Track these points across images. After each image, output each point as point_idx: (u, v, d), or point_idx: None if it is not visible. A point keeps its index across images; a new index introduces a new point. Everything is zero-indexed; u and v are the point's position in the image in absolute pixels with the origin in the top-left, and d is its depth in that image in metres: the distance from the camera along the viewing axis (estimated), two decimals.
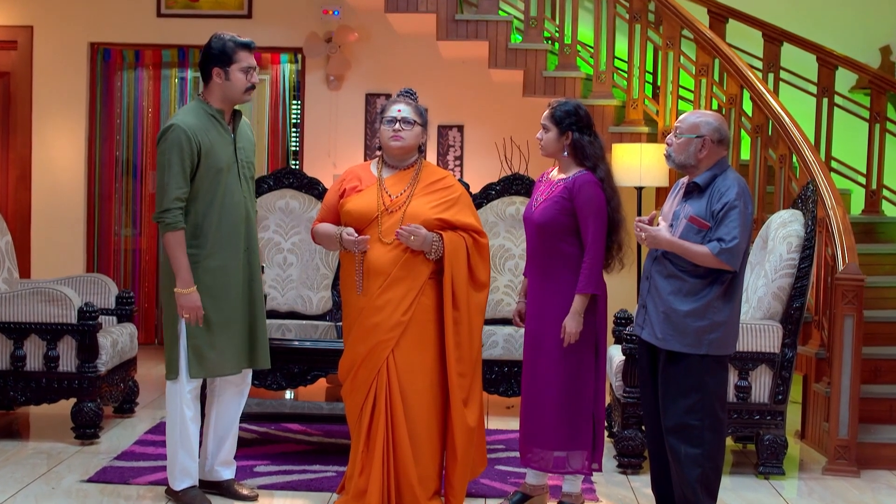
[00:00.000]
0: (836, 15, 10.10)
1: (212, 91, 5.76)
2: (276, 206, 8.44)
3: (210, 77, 5.73)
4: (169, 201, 5.60)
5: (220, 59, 5.69)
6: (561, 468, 5.81)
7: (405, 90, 5.77)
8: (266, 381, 7.93)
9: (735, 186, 5.24)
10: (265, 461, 6.70)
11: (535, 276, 5.73)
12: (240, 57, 5.71)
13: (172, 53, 10.77)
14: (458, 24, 9.09)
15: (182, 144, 5.59)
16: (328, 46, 10.32)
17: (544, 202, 5.66)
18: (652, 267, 5.41)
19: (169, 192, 5.60)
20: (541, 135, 5.73)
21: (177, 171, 5.58)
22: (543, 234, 5.64)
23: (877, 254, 8.26)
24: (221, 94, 5.75)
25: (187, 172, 5.63)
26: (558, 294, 5.62)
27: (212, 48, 5.72)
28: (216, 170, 5.70)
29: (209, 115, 5.73)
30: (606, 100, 8.87)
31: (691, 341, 5.24)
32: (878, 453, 7.04)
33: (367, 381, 5.51)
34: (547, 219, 5.61)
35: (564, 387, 5.66)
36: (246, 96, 5.79)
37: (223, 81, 5.71)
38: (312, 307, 8.33)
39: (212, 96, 5.75)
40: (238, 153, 5.82)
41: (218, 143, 5.72)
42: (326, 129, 10.52)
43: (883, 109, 8.93)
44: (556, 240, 5.62)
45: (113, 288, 7.89)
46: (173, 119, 5.70)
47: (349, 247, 5.52)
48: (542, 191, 5.73)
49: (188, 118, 5.68)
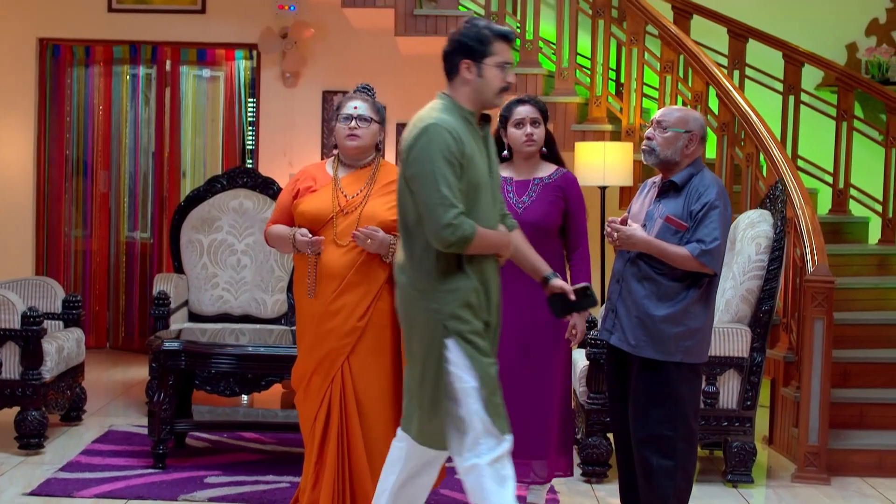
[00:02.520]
0: (802, 12, 10.02)
1: (458, 89, 4.68)
2: (229, 206, 8.29)
3: (457, 71, 4.67)
4: (452, 215, 4.42)
5: (472, 50, 4.62)
6: (525, 477, 5.64)
7: (362, 86, 5.56)
8: (219, 386, 7.78)
9: (715, 186, 5.05)
10: (216, 471, 6.48)
11: (520, 280, 5.39)
12: (496, 49, 4.63)
13: (124, 49, 10.55)
14: (417, 20, 8.95)
15: (450, 146, 4.50)
16: (284, 42, 10.15)
17: (536, 202, 5.50)
18: (625, 269, 5.19)
19: (446, 204, 4.42)
20: (532, 130, 5.54)
21: (451, 178, 4.47)
22: (538, 234, 5.44)
23: (844, 254, 8.16)
24: (471, 93, 4.65)
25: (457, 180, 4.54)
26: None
27: (463, 36, 4.65)
28: (475, 185, 4.61)
29: (463, 117, 4.66)
30: (569, 97, 8.72)
31: (666, 348, 5.03)
32: (849, 460, 6.91)
33: (321, 389, 5.30)
34: (544, 219, 5.49)
35: (546, 393, 5.53)
36: (498, 99, 4.72)
37: (474, 78, 4.63)
38: (267, 310, 8.18)
39: (459, 95, 4.69)
40: (492, 166, 4.79)
41: (475, 152, 4.65)
42: (282, 127, 10.37)
43: (850, 107, 8.82)
44: (549, 240, 5.51)
45: (59, 291, 7.65)
46: (426, 118, 4.60)
47: (302, 248, 5.31)
48: (519, 191, 5.53)
49: (445, 116, 4.60)
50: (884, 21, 10.00)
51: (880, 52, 9.75)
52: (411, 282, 4.58)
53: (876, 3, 10.05)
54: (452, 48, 4.65)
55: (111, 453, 6.82)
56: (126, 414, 7.97)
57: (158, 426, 6.50)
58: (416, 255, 4.56)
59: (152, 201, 10.64)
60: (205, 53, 10.58)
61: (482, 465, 4.52)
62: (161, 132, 10.56)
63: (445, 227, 4.40)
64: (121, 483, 6.20)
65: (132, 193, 10.70)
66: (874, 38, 9.99)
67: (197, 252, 8.28)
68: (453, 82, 4.68)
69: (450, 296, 4.51)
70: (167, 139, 10.55)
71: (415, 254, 4.57)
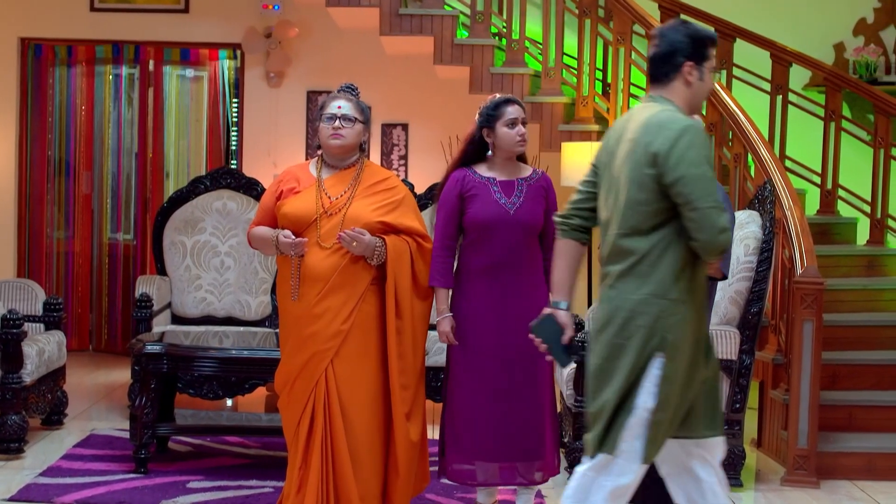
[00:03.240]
0: (790, 11, 9.96)
1: (675, 91, 4.29)
2: (212, 207, 8.21)
3: (676, 73, 4.28)
4: (725, 220, 4.10)
5: (696, 51, 4.27)
6: (511, 480, 5.55)
7: (346, 85, 5.48)
8: (202, 390, 7.71)
9: None
10: (199, 476, 6.40)
11: (511, 281, 5.41)
12: (713, 53, 4.34)
13: (106, 49, 10.45)
14: (403, 19, 8.90)
15: (709, 148, 4.27)
16: (268, 42, 10.09)
17: (525, 202, 5.42)
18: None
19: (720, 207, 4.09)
20: (524, 129, 5.47)
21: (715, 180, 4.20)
22: (528, 235, 5.43)
23: (832, 255, 8.12)
24: (690, 97, 4.31)
25: None
26: (539, 297, 5.37)
27: (685, 35, 4.28)
28: None
29: None
30: (555, 97, 8.67)
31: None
32: (838, 463, 6.85)
33: (304, 394, 5.23)
34: (534, 219, 5.43)
35: (539, 396, 5.46)
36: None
37: (695, 81, 4.29)
38: (251, 312, 8.11)
39: (676, 98, 4.30)
40: None
41: None
42: (266, 127, 10.29)
43: (838, 108, 8.78)
44: (533, 241, 5.46)
45: (40, 294, 7.57)
46: (676, 119, 4.17)
47: (285, 250, 5.23)
48: (506, 192, 5.44)
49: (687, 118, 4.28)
50: (871, 21, 9.95)
51: (868, 51, 9.70)
52: (635, 289, 4.20)
53: (863, 3, 10.00)
54: (674, 48, 4.25)
55: (92, 458, 6.73)
56: (108, 417, 7.88)
57: (140, 430, 6.41)
58: (647, 262, 4.19)
59: (135, 202, 10.56)
60: (188, 53, 10.50)
61: (605, 485, 4.23)
62: (144, 133, 10.47)
63: (722, 231, 4.05)
64: (102, 488, 6.12)
65: (115, 194, 10.62)
66: (862, 38, 9.93)
67: (180, 254, 8.20)
68: (669, 85, 4.28)
69: (676, 307, 4.18)
70: (150, 140, 10.47)
71: (646, 260, 4.19)
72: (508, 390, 5.42)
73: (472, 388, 5.43)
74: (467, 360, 5.44)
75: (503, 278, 5.41)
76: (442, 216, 5.46)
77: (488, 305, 5.42)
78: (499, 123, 5.44)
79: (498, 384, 5.41)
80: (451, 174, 5.50)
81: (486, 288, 5.42)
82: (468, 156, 5.50)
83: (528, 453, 5.48)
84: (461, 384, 5.45)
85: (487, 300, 5.42)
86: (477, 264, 5.44)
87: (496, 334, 5.40)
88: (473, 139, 5.47)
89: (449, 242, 5.43)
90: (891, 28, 9.92)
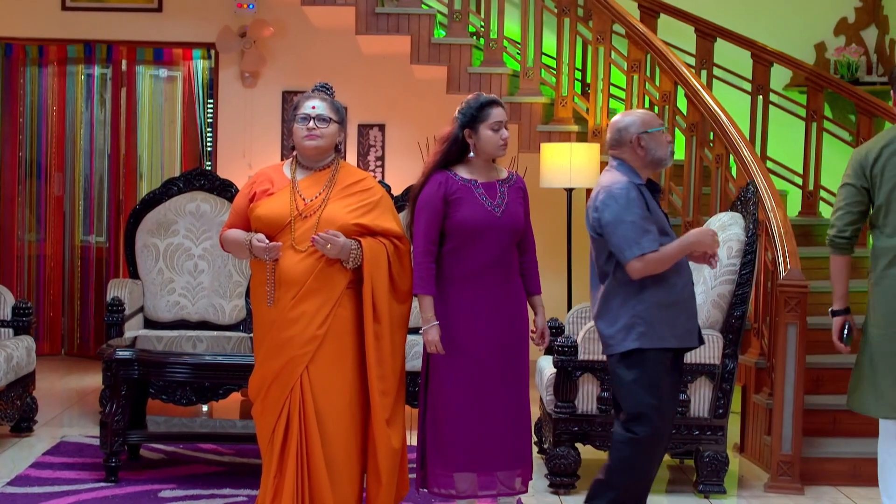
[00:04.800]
0: (770, 11, 9.91)
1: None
2: (186, 209, 8.09)
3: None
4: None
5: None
6: (491, 488, 5.42)
7: (320, 84, 5.35)
8: (175, 395, 7.58)
9: None
10: (171, 485, 6.27)
11: (496, 286, 5.31)
12: None
13: (78, 49, 10.30)
14: (379, 18, 8.81)
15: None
16: (242, 41, 9.97)
17: (509, 205, 5.32)
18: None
19: None
20: (506, 134, 5.36)
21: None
22: (513, 238, 5.35)
23: (815, 257, 7.98)
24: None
25: None
26: (521, 302, 5.38)
27: None
28: None
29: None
30: (534, 97, 8.58)
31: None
32: (822, 468, 6.75)
33: (279, 401, 5.11)
34: (518, 222, 5.35)
35: (523, 398, 5.40)
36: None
37: None
38: (225, 316, 7.99)
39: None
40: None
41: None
42: (241, 128, 10.19)
43: (820, 108, 8.71)
44: (515, 245, 5.38)
45: (9, 298, 7.42)
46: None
47: (259, 254, 5.10)
48: (490, 194, 5.32)
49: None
50: (852, 20, 9.90)
51: (849, 51, 9.65)
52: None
53: (844, 3, 9.95)
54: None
55: (62, 466, 6.59)
56: (80, 424, 7.73)
57: (111, 438, 6.27)
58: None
59: (108, 204, 10.41)
60: (161, 53, 10.36)
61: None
62: (117, 133, 10.33)
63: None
64: (71, 497, 5.98)
65: (87, 196, 10.47)
66: (843, 38, 9.89)
67: (153, 256, 8.06)
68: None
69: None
70: (123, 141, 10.32)
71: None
72: (497, 398, 5.32)
73: (461, 397, 5.30)
74: (456, 370, 5.30)
75: (488, 284, 5.29)
76: (424, 220, 5.29)
77: (475, 312, 5.29)
78: (483, 125, 5.29)
79: (487, 392, 5.31)
80: (432, 176, 5.36)
81: (472, 294, 5.29)
82: (452, 156, 5.36)
83: (513, 461, 5.39)
84: (449, 394, 5.31)
85: (474, 307, 5.29)
86: (461, 270, 5.30)
87: (485, 341, 5.29)
88: (457, 139, 5.33)
89: (432, 248, 5.29)
90: (872, 28, 9.87)
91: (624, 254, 5.00)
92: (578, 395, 6.37)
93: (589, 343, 6.30)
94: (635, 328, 5.07)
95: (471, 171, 5.35)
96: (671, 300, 5.11)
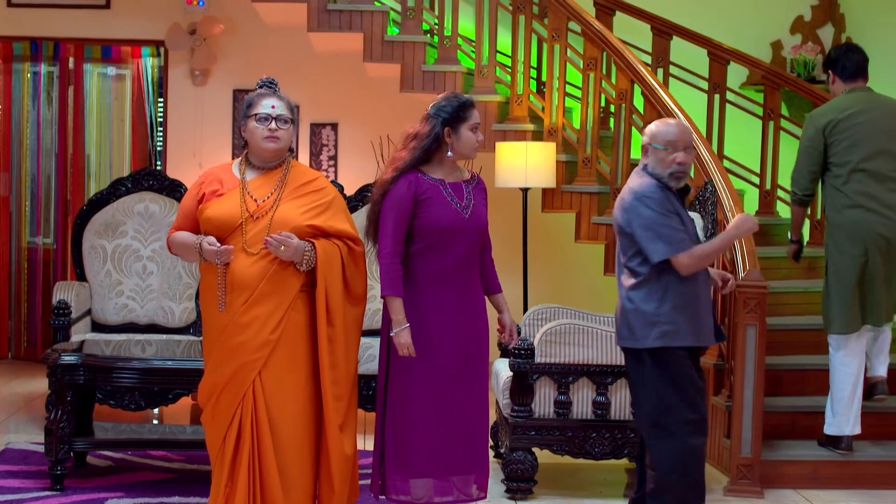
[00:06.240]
0: (726, 9, 9.86)
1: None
2: (134, 210, 7.95)
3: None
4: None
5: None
6: (448, 494, 5.33)
7: (267, 80, 5.19)
8: (123, 400, 7.42)
9: None
10: (118, 493, 6.13)
11: (460, 287, 5.24)
12: None
13: (24, 46, 10.11)
14: (331, 15, 8.70)
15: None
16: (192, 39, 9.81)
17: (476, 206, 5.27)
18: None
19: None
20: (481, 136, 5.35)
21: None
22: (479, 239, 5.30)
23: (773, 257, 7.95)
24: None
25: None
26: (482, 303, 5.35)
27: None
28: None
29: None
30: (489, 95, 8.48)
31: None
32: (782, 471, 6.69)
33: (230, 407, 4.97)
34: (484, 223, 5.32)
35: (484, 404, 5.37)
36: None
37: None
38: (174, 319, 7.84)
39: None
40: None
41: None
42: (191, 127, 10.03)
43: (777, 106, 8.67)
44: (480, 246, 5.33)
45: None
46: None
47: (210, 258, 4.95)
48: (458, 195, 5.24)
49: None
50: (809, 18, 9.86)
51: (806, 49, 9.61)
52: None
53: (801, 1, 9.92)
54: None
55: (6, 474, 6.42)
56: (26, 430, 7.56)
57: (56, 445, 6.12)
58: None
59: (55, 205, 10.22)
60: (109, 50, 10.18)
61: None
62: (64, 133, 10.15)
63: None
64: None
65: (34, 197, 10.28)
66: (799, 36, 9.85)
67: (100, 258, 7.90)
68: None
69: None
70: (71, 140, 10.15)
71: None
72: (458, 401, 5.25)
73: (426, 401, 5.21)
74: (422, 373, 5.21)
75: (451, 286, 5.22)
76: (392, 219, 5.19)
77: (440, 314, 5.22)
78: (464, 126, 5.24)
79: (449, 395, 5.24)
80: (404, 174, 5.24)
81: (438, 296, 5.22)
82: (430, 154, 5.26)
83: (470, 465, 5.32)
84: (413, 398, 5.21)
85: (440, 309, 5.22)
86: (428, 272, 5.22)
87: (448, 344, 5.22)
88: (438, 137, 5.22)
89: (400, 248, 5.20)
90: (828, 26, 9.83)
91: (665, 251, 5.14)
92: (535, 398, 6.27)
93: (546, 346, 6.21)
94: (657, 326, 5.20)
95: (438, 171, 5.27)
96: (691, 299, 5.25)
